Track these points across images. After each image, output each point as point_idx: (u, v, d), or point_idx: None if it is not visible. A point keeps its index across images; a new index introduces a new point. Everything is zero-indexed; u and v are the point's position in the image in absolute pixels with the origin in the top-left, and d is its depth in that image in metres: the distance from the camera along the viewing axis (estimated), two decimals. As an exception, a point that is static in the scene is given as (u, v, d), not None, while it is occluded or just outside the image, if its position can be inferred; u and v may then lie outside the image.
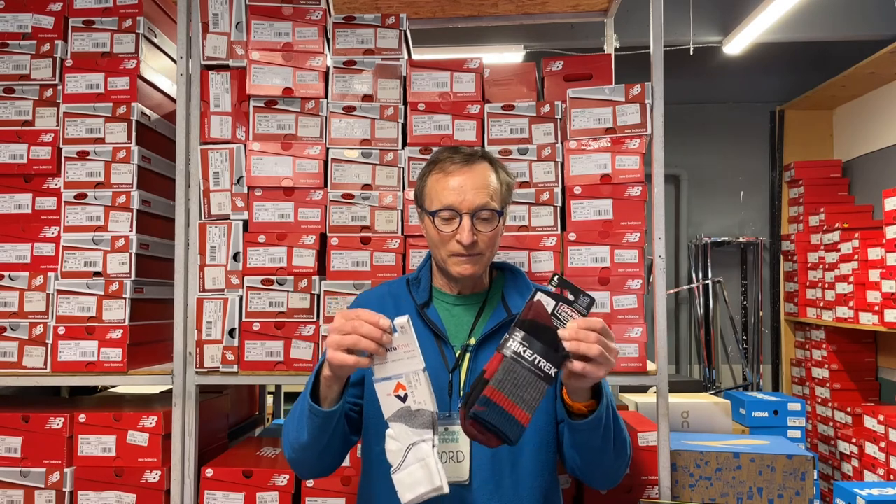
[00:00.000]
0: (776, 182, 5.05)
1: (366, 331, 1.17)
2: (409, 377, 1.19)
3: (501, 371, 1.14)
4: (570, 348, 1.14)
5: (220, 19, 2.03)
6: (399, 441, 1.20)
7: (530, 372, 1.14)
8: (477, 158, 1.42)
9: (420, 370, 1.19)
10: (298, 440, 1.33)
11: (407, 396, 1.19)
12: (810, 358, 4.58)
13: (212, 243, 1.94)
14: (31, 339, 1.96)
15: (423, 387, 1.19)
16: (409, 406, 1.19)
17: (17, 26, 2.07)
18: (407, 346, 1.19)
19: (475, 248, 1.38)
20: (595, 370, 1.16)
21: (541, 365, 1.15)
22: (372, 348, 1.17)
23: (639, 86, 1.95)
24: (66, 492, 1.90)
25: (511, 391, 1.14)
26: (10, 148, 2.02)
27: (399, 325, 1.19)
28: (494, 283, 1.51)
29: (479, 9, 2.63)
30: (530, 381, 1.14)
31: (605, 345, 1.15)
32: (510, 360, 1.15)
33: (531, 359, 1.15)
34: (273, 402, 2.99)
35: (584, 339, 1.14)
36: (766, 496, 1.85)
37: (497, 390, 1.14)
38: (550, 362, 1.15)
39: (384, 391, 1.20)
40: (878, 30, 4.12)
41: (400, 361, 1.19)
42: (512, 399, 1.14)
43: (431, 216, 1.40)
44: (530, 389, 1.14)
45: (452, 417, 1.36)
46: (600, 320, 1.17)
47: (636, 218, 1.92)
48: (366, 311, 1.20)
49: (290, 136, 1.98)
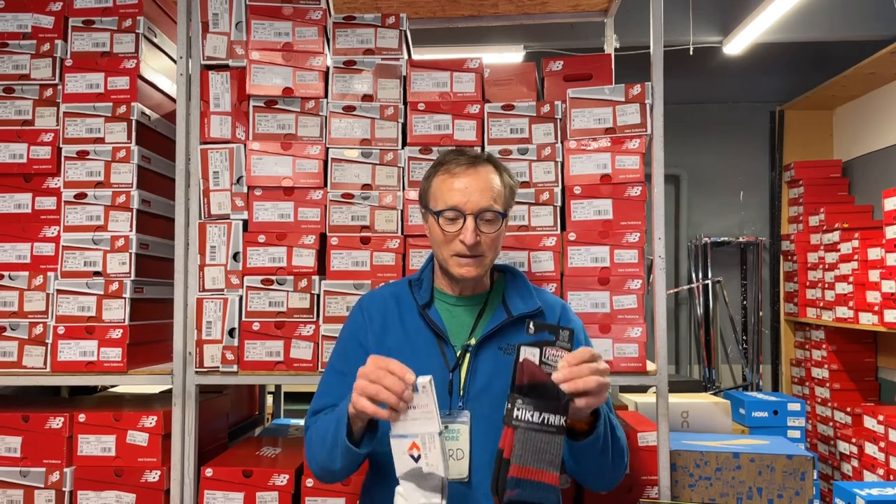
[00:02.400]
0: (776, 182, 5.05)
1: (389, 383, 1.19)
2: (425, 438, 1.20)
3: (518, 444, 1.16)
4: (569, 390, 1.17)
5: (220, 19, 2.03)
6: (407, 500, 1.22)
7: (543, 432, 1.16)
8: (482, 161, 1.45)
9: (436, 433, 1.20)
10: (329, 467, 1.35)
11: (420, 457, 1.20)
12: (810, 358, 4.58)
13: (212, 243, 1.94)
14: (31, 338, 1.96)
15: (436, 450, 1.20)
16: (420, 467, 1.20)
17: (17, 26, 2.07)
18: (426, 406, 1.20)
19: (478, 248, 1.40)
20: (596, 400, 1.19)
21: (550, 421, 1.16)
22: (392, 401, 1.19)
23: (639, 86, 1.95)
24: (66, 491, 1.90)
25: (533, 459, 1.15)
26: (10, 148, 2.02)
27: (420, 385, 1.20)
28: (495, 285, 1.53)
29: (479, 9, 2.63)
30: (546, 440, 1.16)
31: (598, 372, 1.18)
32: (522, 430, 1.16)
33: (540, 420, 1.16)
34: (273, 402, 2.99)
35: (578, 376, 1.17)
36: (766, 496, 1.85)
37: (520, 466, 1.15)
38: (558, 413, 1.16)
39: (399, 448, 1.22)
40: (878, 30, 4.12)
41: (417, 421, 1.20)
42: (537, 467, 1.15)
43: (436, 216, 1.42)
44: (549, 448, 1.16)
45: (452, 415, 1.38)
46: (586, 349, 1.20)
47: (636, 218, 1.92)
48: (396, 363, 1.22)
49: (290, 135, 1.98)
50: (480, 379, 1.40)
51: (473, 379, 1.40)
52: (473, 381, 1.40)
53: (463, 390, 1.39)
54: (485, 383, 1.40)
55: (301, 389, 3.77)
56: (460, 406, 1.39)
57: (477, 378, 1.40)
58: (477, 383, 1.40)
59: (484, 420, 1.38)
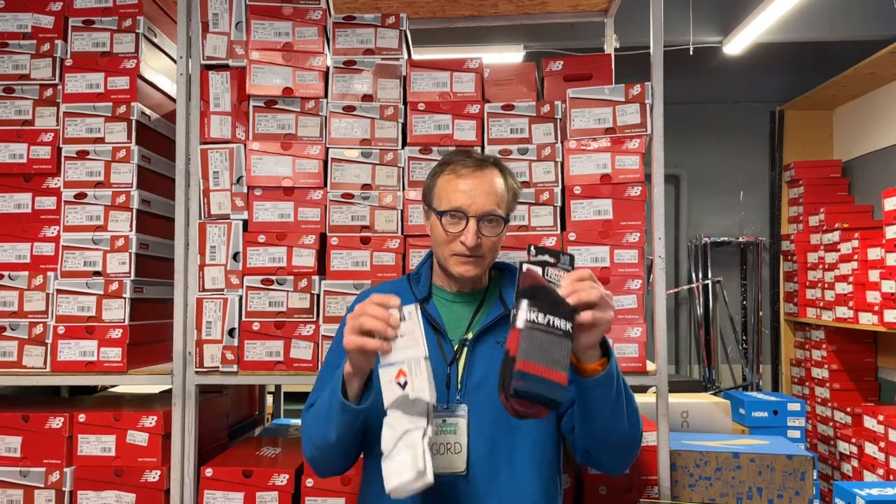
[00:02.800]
0: (776, 182, 5.05)
1: (373, 311, 1.21)
2: (411, 364, 1.20)
3: (523, 342, 1.14)
4: (574, 301, 1.17)
5: (220, 19, 2.03)
6: (394, 429, 1.20)
7: (549, 333, 1.15)
8: (488, 164, 1.46)
9: (421, 357, 1.20)
10: (325, 439, 1.34)
11: (407, 384, 1.20)
12: (810, 358, 4.58)
13: (212, 243, 1.94)
14: (31, 338, 1.96)
15: (422, 375, 1.19)
16: (407, 394, 1.19)
17: (17, 26, 2.07)
18: (412, 333, 1.21)
19: (478, 250, 1.42)
20: (602, 314, 1.18)
21: (556, 323, 1.16)
22: (379, 327, 1.19)
23: (639, 86, 1.95)
24: (66, 491, 1.90)
25: (539, 357, 1.14)
26: (10, 148, 2.02)
27: (407, 312, 1.21)
28: (493, 282, 1.54)
29: (479, 9, 2.63)
30: (553, 341, 1.15)
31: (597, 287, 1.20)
32: (527, 328, 1.15)
33: (545, 321, 1.16)
34: (273, 402, 2.99)
35: (581, 289, 1.18)
36: (766, 496, 1.85)
37: (527, 360, 1.14)
38: (563, 318, 1.16)
39: (387, 377, 1.21)
40: (877, 30, 4.12)
41: (405, 349, 1.20)
42: (544, 364, 1.14)
43: (439, 215, 1.43)
44: (556, 349, 1.15)
45: (450, 409, 1.39)
46: (587, 270, 1.21)
47: (636, 218, 1.92)
48: (378, 295, 1.23)
49: (289, 135, 1.98)
50: (477, 373, 1.41)
51: (471, 373, 1.41)
52: (471, 375, 1.41)
53: (460, 384, 1.40)
54: (482, 377, 1.40)
55: (301, 389, 3.77)
56: (458, 400, 1.39)
57: (474, 372, 1.41)
58: (474, 377, 1.41)
59: (481, 414, 1.38)
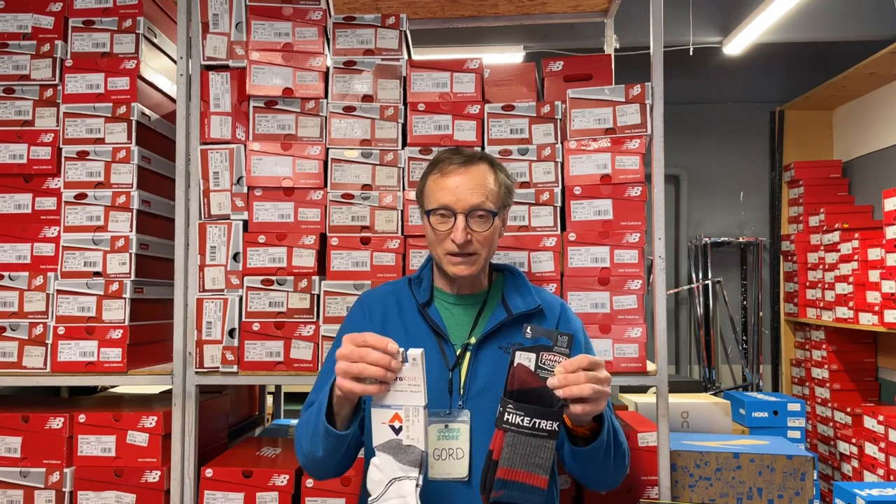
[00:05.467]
0: (776, 182, 5.05)
1: (373, 358, 1.17)
2: (409, 411, 1.17)
3: (507, 447, 1.15)
4: (564, 395, 1.15)
5: (220, 19, 2.03)
6: (383, 472, 1.18)
7: (534, 437, 1.15)
8: (476, 160, 1.45)
9: (421, 406, 1.17)
10: (313, 454, 1.33)
11: (401, 430, 1.17)
12: (810, 358, 4.58)
13: (212, 243, 1.94)
14: (31, 339, 1.96)
15: (419, 424, 1.16)
16: (400, 440, 1.17)
17: (17, 26, 2.07)
18: (414, 379, 1.17)
19: (469, 247, 1.40)
20: (593, 407, 1.17)
21: (541, 426, 1.15)
22: (379, 375, 1.16)
23: (639, 86, 1.95)
24: (66, 492, 1.90)
25: (522, 462, 1.15)
26: (10, 148, 2.02)
27: (411, 357, 1.17)
28: (494, 284, 1.53)
29: (479, 9, 2.63)
30: (536, 444, 1.15)
31: (595, 380, 1.16)
32: (512, 433, 1.16)
33: (530, 424, 1.15)
34: (273, 402, 2.99)
35: (574, 383, 1.15)
36: (766, 496, 1.85)
37: (508, 468, 1.15)
38: (550, 419, 1.16)
39: (379, 418, 1.18)
40: (877, 30, 4.12)
41: (403, 393, 1.17)
42: (525, 469, 1.15)
43: (427, 215, 1.43)
44: (539, 452, 1.15)
45: (453, 414, 1.38)
46: (584, 356, 1.18)
47: (636, 218, 1.92)
48: (374, 336, 1.19)
49: (290, 136, 1.98)
50: (481, 378, 1.40)
51: (474, 378, 1.40)
52: (474, 380, 1.40)
53: (463, 389, 1.40)
54: (485, 382, 1.40)
55: (301, 390, 3.77)
56: (460, 405, 1.39)
57: (477, 377, 1.40)
58: (477, 382, 1.40)
59: (484, 419, 1.37)
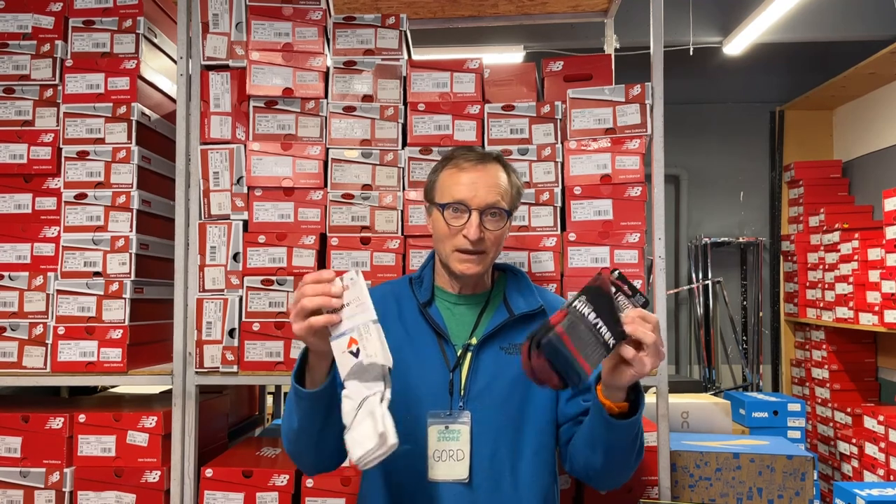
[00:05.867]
0: (776, 182, 5.05)
1: (311, 289, 1.17)
2: (360, 329, 1.16)
3: (567, 321, 1.13)
4: (629, 331, 1.15)
5: (220, 19, 2.03)
6: (352, 399, 1.17)
7: (591, 333, 1.14)
8: (491, 159, 1.45)
9: (370, 321, 1.16)
10: (290, 427, 1.31)
11: (359, 351, 1.15)
12: (810, 358, 4.58)
13: (212, 243, 1.94)
14: (31, 339, 1.96)
15: (373, 338, 1.15)
16: (361, 360, 1.15)
17: (17, 26, 2.07)
18: (358, 299, 1.17)
19: (481, 244, 1.39)
20: (645, 360, 1.16)
21: (601, 330, 1.14)
22: (320, 301, 1.16)
23: (639, 86, 1.95)
24: (66, 492, 1.90)
25: (576, 341, 1.13)
26: (10, 148, 2.02)
27: (349, 279, 1.18)
28: (496, 284, 1.52)
29: (479, 9, 2.63)
30: (591, 340, 1.14)
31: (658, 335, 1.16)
32: (576, 316, 1.14)
33: (594, 322, 1.14)
34: (273, 402, 3.00)
35: (641, 325, 1.15)
36: (766, 496, 1.85)
37: (565, 333, 1.12)
38: (610, 331, 1.14)
39: (339, 349, 1.17)
40: (877, 30, 4.12)
41: (353, 317, 1.16)
42: (577, 348, 1.12)
43: (441, 208, 1.41)
44: (592, 347, 1.14)
45: (453, 416, 1.37)
46: (657, 317, 1.19)
47: (636, 218, 1.92)
48: (308, 275, 1.20)
49: (290, 136, 1.98)
50: (482, 379, 1.39)
51: (475, 379, 1.39)
52: (475, 381, 1.39)
53: (463, 390, 1.39)
54: (486, 383, 1.39)
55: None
56: (461, 406, 1.38)
57: (478, 378, 1.39)
58: (478, 383, 1.39)
59: (485, 420, 1.37)
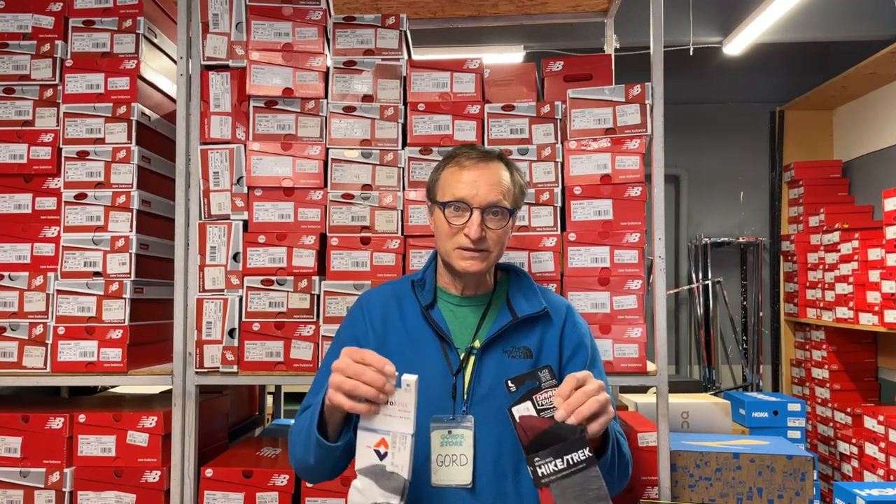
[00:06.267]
0: (776, 182, 5.05)
1: (368, 378, 1.14)
2: (396, 438, 1.14)
3: (558, 499, 1.13)
4: (576, 420, 1.14)
5: (220, 19, 2.03)
6: (364, 496, 1.16)
7: (576, 473, 1.14)
8: (494, 157, 1.44)
9: (409, 434, 1.14)
10: (306, 461, 1.31)
11: (386, 455, 1.14)
12: (810, 358, 4.58)
13: (212, 243, 1.94)
14: (31, 339, 1.96)
15: (405, 452, 1.14)
16: (384, 465, 1.14)
17: (17, 26, 2.07)
18: (405, 405, 1.14)
19: (483, 243, 1.38)
20: (607, 418, 1.16)
21: (576, 459, 1.14)
22: (371, 395, 1.14)
23: (639, 86, 1.95)
24: (66, 492, 1.90)
25: (581, 503, 1.13)
26: (10, 148, 2.02)
27: (405, 382, 1.14)
28: (499, 285, 1.51)
29: (479, 9, 2.63)
30: (582, 479, 1.13)
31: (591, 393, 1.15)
32: (555, 484, 1.13)
33: (565, 465, 1.14)
34: (273, 403, 2.99)
35: (578, 405, 1.14)
36: (766, 496, 1.85)
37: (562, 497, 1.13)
38: (578, 449, 1.14)
39: (365, 441, 1.16)
40: (877, 30, 4.12)
41: (392, 418, 1.14)
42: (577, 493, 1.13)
43: (443, 207, 1.40)
44: (589, 484, 1.13)
45: (456, 420, 1.36)
46: (570, 377, 1.17)
47: (636, 218, 1.92)
48: (373, 355, 1.16)
49: (290, 136, 1.98)
50: (485, 383, 1.38)
51: (478, 383, 1.38)
52: (478, 385, 1.37)
53: (467, 394, 1.37)
54: (490, 387, 1.37)
55: (301, 390, 3.77)
56: (464, 411, 1.36)
57: (482, 382, 1.38)
58: (482, 387, 1.37)
59: (488, 425, 1.36)
